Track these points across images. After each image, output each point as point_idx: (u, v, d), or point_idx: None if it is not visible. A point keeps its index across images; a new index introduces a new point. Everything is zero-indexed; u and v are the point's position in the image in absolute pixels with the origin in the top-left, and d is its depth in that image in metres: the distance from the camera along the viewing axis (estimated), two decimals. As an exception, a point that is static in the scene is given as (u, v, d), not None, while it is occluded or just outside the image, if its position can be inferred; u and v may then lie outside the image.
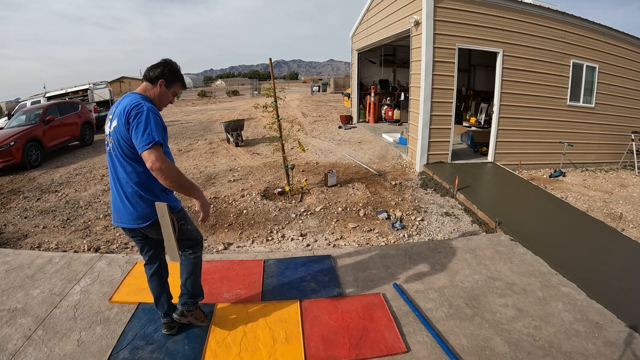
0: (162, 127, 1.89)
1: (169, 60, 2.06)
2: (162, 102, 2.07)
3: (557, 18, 6.65)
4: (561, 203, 4.97)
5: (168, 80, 2.02)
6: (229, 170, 6.64)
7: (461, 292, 2.85)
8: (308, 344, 2.28)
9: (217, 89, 48.27)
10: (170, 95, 2.08)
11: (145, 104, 1.86)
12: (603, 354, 2.20)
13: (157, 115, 1.88)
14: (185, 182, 1.89)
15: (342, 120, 11.97)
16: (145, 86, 2.02)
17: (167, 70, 2.01)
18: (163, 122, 1.94)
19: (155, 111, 1.88)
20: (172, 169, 1.81)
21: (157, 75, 1.99)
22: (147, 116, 1.81)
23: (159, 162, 1.77)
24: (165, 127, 1.95)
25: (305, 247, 3.85)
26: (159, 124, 1.86)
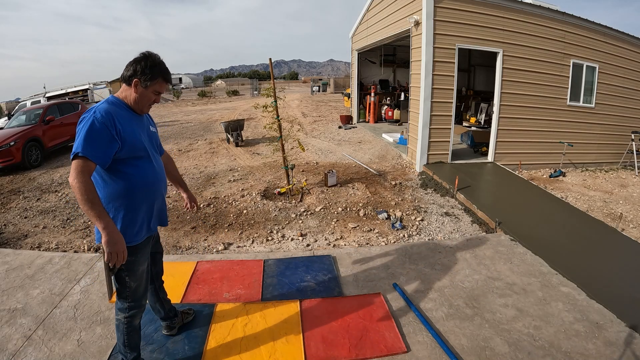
0: (103, 139, 1.58)
1: (145, 54, 1.74)
2: (142, 104, 1.79)
3: (557, 18, 6.65)
4: (561, 203, 4.97)
5: (144, 78, 1.72)
6: (229, 170, 6.64)
7: (461, 292, 2.85)
8: (308, 344, 2.28)
9: (217, 89, 48.28)
10: (150, 95, 1.78)
11: (96, 111, 1.61)
12: (603, 354, 2.20)
13: (101, 124, 1.57)
14: (93, 210, 1.53)
15: (342, 120, 11.97)
16: (122, 88, 1.78)
17: (140, 67, 1.70)
18: (115, 132, 1.62)
19: (102, 119, 1.58)
20: (83, 190, 1.51)
21: (130, 74, 1.72)
22: (85, 125, 1.57)
23: (72, 177, 1.52)
24: (115, 139, 1.62)
25: (305, 247, 3.85)
26: (97, 135, 1.56)
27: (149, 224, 1.87)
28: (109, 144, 1.60)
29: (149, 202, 1.84)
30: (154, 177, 1.84)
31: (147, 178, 1.80)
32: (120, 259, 1.61)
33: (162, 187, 1.94)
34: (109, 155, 1.61)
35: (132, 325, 1.92)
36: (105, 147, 1.59)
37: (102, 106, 1.65)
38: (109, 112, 1.62)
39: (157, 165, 1.89)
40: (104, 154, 1.59)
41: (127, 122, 1.71)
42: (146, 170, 1.79)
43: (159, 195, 1.92)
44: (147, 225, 1.87)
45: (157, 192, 1.89)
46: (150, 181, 1.82)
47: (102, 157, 1.59)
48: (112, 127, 1.60)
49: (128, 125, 1.70)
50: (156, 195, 1.89)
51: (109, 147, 1.60)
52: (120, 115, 1.69)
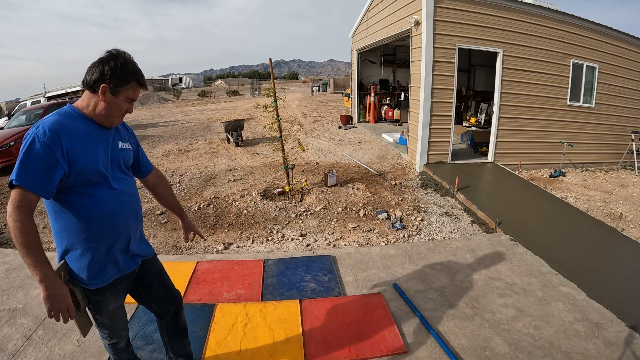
0: (42, 163, 1.26)
1: (113, 52, 1.40)
2: (111, 115, 1.44)
3: (557, 18, 6.65)
4: (561, 203, 4.97)
5: (114, 82, 1.38)
6: (229, 170, 6.64)
7: (461, 292, 2.85)
8: (308, 344, 2.28)
9: (217, 89, 48.27)
10: (122, 104, 1.44)
11: (40, 126, 1.30)
12: (603, 354, 2.20)
13: (42, 144, 1.26)
14: (28, 256, 1.27)
15: (342, 120, 11.97)
16: (85, 95, 1.44)
17: (109, 69, 1.37)
18: (61, 153, 1.29)
19: (45, 138, 1.27)
20: (16, 230, 1.24)
21: (95, 78, 1.37)
22: (24, 145, 1.27)
23: (8, 210, 1.26)
24: (59, 163, 1.29)
25: (305, 247, 3.85)
26: (36, 158, 1.25)
27: (116, 262, 1.53)
28: (50, 170, 1.27)
29: (111, 239, 1.49)
30: (114, 208, 1.47)
31: (104, 210, 1.44)
32: (65, 315, 1.32)
33: (129, 219, 1.55)
34: (52, 184, 1.28)
35: (118, 349, 1.76)
36: (46, 173, 1.26)
37: (48, 119, 1.32)
38: (55, 127, 1.30)
39: (121, 193, 1.51)
40: (43, 182, 1.27)
41: (79, 138, 1.36)
42: (103, 201, 1.43)
43: (124, 230, 1.53)
44: (115, 265, 1.53)
45: (121, 227, 1.51)
46: (110, 214, 1.45)
47: (42, 186, 1.27)
48: (56, 146, 1.27)
49: (80, 143, 1.36)
50: (120, 231, 1.51)
51: (50, 173, 1.27)
52: (72, 130, 1.34)
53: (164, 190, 1.92)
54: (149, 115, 16.83)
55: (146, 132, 11.58)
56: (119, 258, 1.54)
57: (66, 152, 1.30)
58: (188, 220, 1.98)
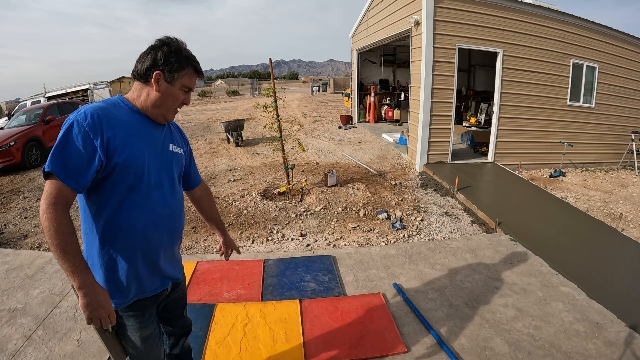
0: (80, 151, 1.11)
1: (165, 40, 1.27)
2: (166, 107, 1.29)
3: (557, 18, 6.65)
4: (561, 203, 4.97)
5: (169, 68, 1.24)
6: (229, 170, 6.64)
7: (461, 292, 2.85)
8: (308, 344, 2.28)
9: (217, 89, 48.28)
10: (178, 93, 1.28)
11: (82, 111, 1.15)
12: (603, 354, 2.20)
13: (82, 129, 1.12)
14: (65, 260, 1.09)
15: (342, 120, 11.97)
16: (135, 87, 1.30)
17: (163, 55, 1.23)
18: (101, 141, 1.13)
19: (86, 123, 1.12)
20: (52, 230, 1.08)
21: (147, 66, 1.24)
22: (62, 132, 1.12)
23: (41, 211, 1.10)
24: (97, 152, 1.13)
25: (305, 247, 3.85)
26: (73, 144, 1.11)
27: (141, 282, 1.30)
28: (86, 160, 1.12)
29: (138, 255, 1.27)
30: (148, 219, 1.26)
31: (135, 220, 1.23)
32: (106, 322, 1.18)
33: (163, 236, 1.34)
34: (86, 176, 1.13)
35: None
36: (81, 163, 1.11)
37: (92, 104, 1.20)
38: (98, 113, 1.15)
39: (161, 203, 1.30)
40: (79, 173, 1.11)
41: (125, 130, 1.20)
42: (137, 208, 1.23)
43: (154, 247, 1.31)
44: (139, 284, 1.30)
45: (151, 243, 1.29)
46: (141, 226, 1.24)
47: (77, 177, 1.11)
48: (97, 134, 1.13)
49: (125, 135, 1.20)
50: (150, 247, 1.29)
51: (86, 163, 1.12)
52: (117, 119, 1.20)
53: (209, 204, 1.75)
54: (149, 115, 16.78)
55: (146, 132, 11.56)
56: (145, 277, 1.32)
57: (107, 142, 1.14)
58: (229, 238, 1.84)
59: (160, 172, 1.31)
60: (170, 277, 1.44)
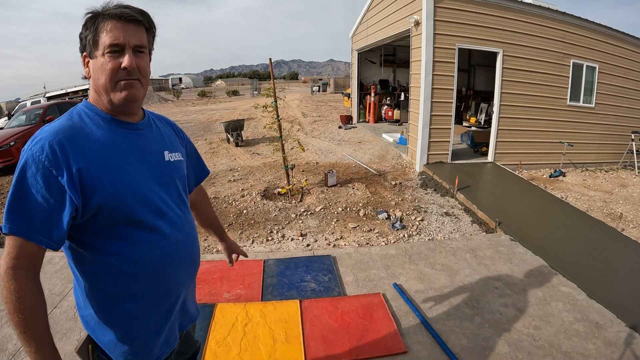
0: (41, 198, 0.83)
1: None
2: (103, 88, 0.94)
3: (557, 18, 6.65)
4: (561, 203, 4.97)
5: (88, 42, 0.93)
6: (229, 170, 6.64)
7: (461, 292, 2.85)
8: (308, 344, 2.28)
9: (217, 89, 48.29)
10: (103, 61, 0.91)
11: (37, 139, 0.87)
12: (603, 354, 2.20)
13: (37, 168, 0.84)
14: (27, 338, 0.85)
15: (342, 120, 11.97)
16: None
17: (82, 32, 0.95)
18: (67, 178, 0.84)
19: (41, 156, 0.84)
20: (14, 300, 0.83)
21: (80, 52, 0.97)
22: (16, 174, 0.86)
23: (1, 270, 0.85)
24: (64, 193, 0.85)
25: (305, 247, 3.85)
26: (30, 190, 0.83)
27: (163, 336, 1.05)
28: (57, 205, 0.84)
29: (158, 303, 1.02)
30: (162, 256, 0.99)
31: (147, 261, 0.97)
32: None
33: (185, 270, 1.09)
34: (59, 227, 0.85)
35: None
36: (48, 212, 0.83)
37: (50, 127, 0.89)
38: (58, 138, 0.85)
39: (172, 233, 1.02)
40: (49, 224, 0.83)
41: (104, 151, 0.90)
42: (146, 246, 0.96)
43: (176, 289, 1.06)
44: (161, 339, 1.05)
45: (171, 284, 1.04)
46: (155, 266, 0.98)
47: (47, 230, 0.84)
48: (61, 167, 0.83)
49: (105, 158, 0.90)
50: (171, 290, 1.04)
51: (58, 210, 0.84)
52: (87, 139, 0.89)
53: (207, 208, 1.50)
54: (149, 115, 16.80)
55: (146, 132, 11.57)
56: (168, 327, 1.06)
57: (77, 176, 0.84)
58: (230, 242, 1.56)
59: (163, 194, 1.01)
60: (193, 317, 1.22)
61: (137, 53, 0.94)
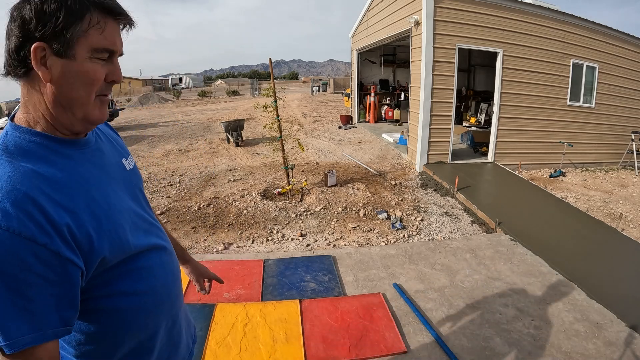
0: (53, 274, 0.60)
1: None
2: (79, 102, 0.69)
3: (557, 18, 6.65)
4: (561, 203, 4.97)
5: (52, 31, 0.62)
6: (229, 170, 6.64)
7: (461, 292, 2.85)
8: (308, 344, 2.28)
9: (217, 89, 48.30)
10: (89, 68, 0.67)
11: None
12: (603, 354, 2.20)
13: (15, 243, 0.56)
14: None
15: (342, 120, 11.97)
16: (22, 96, 0.69)
17: (33, 11, 0.62)
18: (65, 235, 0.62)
19: (15, 226, 0.56)
20: None
21: (17, 42, 0.63)
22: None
23: None
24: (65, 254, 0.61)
25: (305, 247, 3.85)
26: (29, 272, 0.58)
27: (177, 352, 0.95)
28: (69, 284, 0.64)
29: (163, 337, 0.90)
30: (165, 278, 0.87)
31: (156, 289, 0.83)
32: None
33: (178, 287, 0.95)
34: (74, 303, 0.66)
35: None
36: (56, 294, 0.62)
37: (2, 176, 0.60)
38: (23, 190, 0.60)
39: (166, 247, 0.91)
40: (60, 311, 0.63)
41: (76, 188, 0.68)
42: (154, 273, 0.83)
43: (178, 309, 0.96)
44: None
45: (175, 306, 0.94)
46: (163, 293, 0.86)
47: (66, 317, 0.64)
48: (48, 229, 0.60)
49: (81, 195, 0.69)
50: (175, 312, 0.94)
51: (70, 288, 0.64)
52: (51, 179, 0.65)
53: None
54: (148, 115, 16.83)
55: (146, 132, 11.58)
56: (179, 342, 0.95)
57: (68, 232, 0.63)
58: (196, 264, 1.25)
59: (139, 209, 0.86)
60: (194, 339, 1.10)
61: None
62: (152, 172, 6.53)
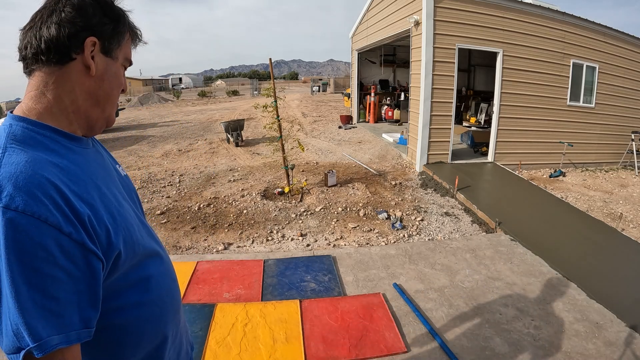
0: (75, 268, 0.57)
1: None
2: (111, 101, 0.77)
3: (557, 18, 6.65)
4: (561, 203, 4.97)
5: (105, 31, 0.71)
6: (229, 170, 6.64)
7: (461, 292, 2.85)
8: (308, 344, 2.28)
9: (217, 89, 48.30)
10: (121, 73, 0.79)
11: (9, 199, 0.53)
12: (603, 354, 2.20)
13: (36, 228, 0.53)
14: None
15: (342, 120, 11.97)
16: (36, 83, 0.67)
17: (91, 10, 0.69)
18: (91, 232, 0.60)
19: (35, 209, 0.53)
20: None
21: (72, 29, 0.66)
22: (9, 254, 0.52)
23: None
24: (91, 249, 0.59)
25: (305, 247, 3.85)
26: (52, 264, 0.54)
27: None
28: (91, 277, 0.60)
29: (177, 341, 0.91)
30: (169, 284, 0.86)
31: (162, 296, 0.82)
32: None
33: (176, 290, 0.91)
34: (97, 303, 0.62)
35: None
36: (80, 293, 0.59)
37: (12, 166, 0.56)
38: (40, 175, 0.57)
39: (164, 253, 0.89)
40: (83, 311, 0.59)
41: (89, 181, 0.68)
42: (159, 280, 0.81)
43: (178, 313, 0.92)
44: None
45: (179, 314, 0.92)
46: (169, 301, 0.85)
47: (85, 321, 0.59)
48: (70, 222, 0.57)
49: (96, 189, 0.68)
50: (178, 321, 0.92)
51: (92, 283, 0.61)
52: (69, 170, 0.64)
53: None
54: (149, 115, 16.83)
55: (146, 132, 11.58)
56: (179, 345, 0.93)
57: (89, 223, 0.61)
58: None
59: (138, 212, 0.86)
60: (192, 346, 1.06)
61: None
62: (152, 172, 6.53)
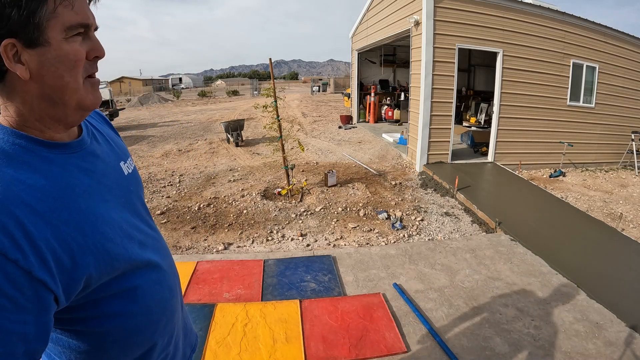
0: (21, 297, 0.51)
1: None
2: (69, 91, 0.62)
3: (557, 18, 6.65)
4: (561, 203, 4.97)
5: (19, 21, 0.54)
6: (229, 170, 6.64)
7: (461, 292, 2.85)
8: (308, 344, 2.28)
9: (217, 89, 48.30)
10: (69, 49, 0.60)
11: None
12: (603, 354, 2.20)
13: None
14: None
15: (342, 120, 11.97)
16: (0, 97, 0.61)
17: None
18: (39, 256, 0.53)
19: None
20: None
21: None
22: None
23: None
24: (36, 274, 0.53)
25: (305, 247, 3.85)
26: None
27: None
28: (37, 306, 0.54)
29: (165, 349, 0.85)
30: (161, 296, 0.80)
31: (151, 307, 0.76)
32: None
33: (177, 302, 0.88)
34: (46, 336, 0.57)
35: None
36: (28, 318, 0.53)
37: None
38: (3, 198, 0.52)
39: (161, 262, 0.81)
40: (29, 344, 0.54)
41: (60, 197, 0.60)
42: (148, 291, 0.75)
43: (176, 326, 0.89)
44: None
45: (175, 322, 0.88)
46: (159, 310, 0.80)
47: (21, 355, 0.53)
48: (19, 249, 0.51)
49: (66, 205, 0.61)
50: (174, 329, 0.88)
51: (39, 311, 0.54)
52: (32, 187, 0.57)
53: None
54: (149, 115, 16.83)
55: (146, 132, 11.58)
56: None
57: (46, 246, 0.55)
58: None
59: (135, 219, 0.79)
60: (193, 349, 1.06)
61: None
62: (152, 172, 6.53)
